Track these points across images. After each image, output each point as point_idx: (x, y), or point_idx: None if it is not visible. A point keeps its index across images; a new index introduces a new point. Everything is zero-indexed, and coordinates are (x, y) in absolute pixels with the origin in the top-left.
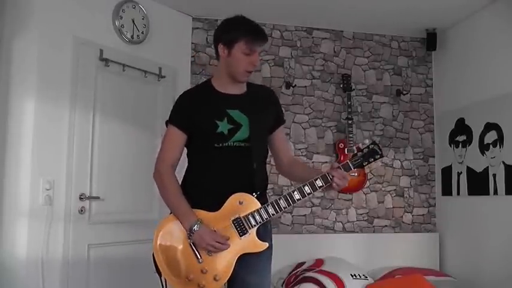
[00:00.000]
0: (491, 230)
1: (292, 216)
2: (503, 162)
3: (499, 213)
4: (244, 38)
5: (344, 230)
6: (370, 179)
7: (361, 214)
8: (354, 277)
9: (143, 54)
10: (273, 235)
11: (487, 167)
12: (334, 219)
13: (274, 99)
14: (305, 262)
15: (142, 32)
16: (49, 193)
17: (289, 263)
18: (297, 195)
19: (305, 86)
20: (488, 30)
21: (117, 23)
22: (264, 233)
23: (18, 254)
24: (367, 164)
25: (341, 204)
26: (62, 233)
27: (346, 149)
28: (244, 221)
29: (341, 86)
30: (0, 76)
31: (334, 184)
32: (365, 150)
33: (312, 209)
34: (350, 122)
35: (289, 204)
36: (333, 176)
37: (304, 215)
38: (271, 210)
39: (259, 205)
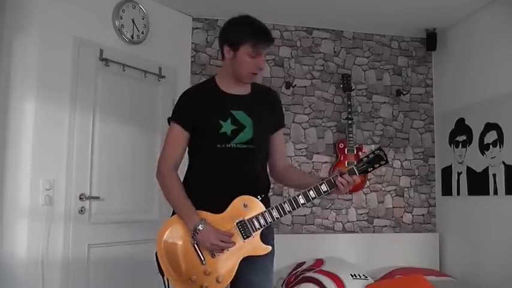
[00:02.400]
0: (492, 230)
1: (292, 216)
2: (503, 162)
3: (499, 213)
4: (250, 41)
5: (344, 230)
6: (370, 179)
7: (361, 214)
8: (354, 277)
9: (143, 54)
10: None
11: (487, 167)
12: (334, 219)
13: (277, 102)
14: (305, 262)
15: (142, 32)
16: (49, 193)
17: (289, 263)
18: (301, 200)
19: (305, 86)
20: (488, 30)
21: (117, 23)
22: (267, 233)
23: (18, 254)
24: (372, 170)
25: (341, 204)
26: (62, 233)
27: (346, 149)
28: (248, 224)
29: (341, 86)
30: (0, 76)
31: (339, 189)
32: (370, 156)
33: (312, 209)
34: (350, 122)
35: (293, 208)
36: (337, 181)
37: (304, 215)
38: (275, 213)
39: (263, 208)
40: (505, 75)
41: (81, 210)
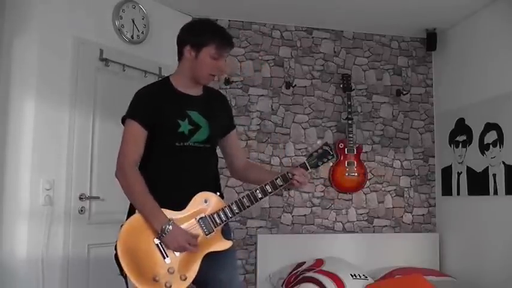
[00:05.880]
0: (491, 230)
1: (292, 216)
2: (503, 162)
3: (499, 213)
4: (214, 43)
5: (344, 230)
6: (370, 179)
7: (361, 214)
8: (354, 277)
9: (143, 54)
10: (273, 235)
11: (487, 167)
12: (334, 219)
13: (227, 104)
14: (305, 262)
15: (142, 32)
16: (49, 193)
17: (289, 263)
18: (259, 194)
19: (305, 86)
20: (488, 30)
21: (117, 23)
22: (227, 230)
23: (18, 254)
24: (322, 165)
25: (341, 204)
26: (62, 233)
27: (346, 149)
28: (209, 220)
29: (341, 86)
30: (0, 76)
31: (294, 182)
32: (319, 151)
33: (312, 209)
34: (350, 122)
35: (252, 203)
36: (293, 175)
37: (304, 215)
38: (235, 208)
39: (224, 204)
40: (505, 75)
41: (81, 210)
